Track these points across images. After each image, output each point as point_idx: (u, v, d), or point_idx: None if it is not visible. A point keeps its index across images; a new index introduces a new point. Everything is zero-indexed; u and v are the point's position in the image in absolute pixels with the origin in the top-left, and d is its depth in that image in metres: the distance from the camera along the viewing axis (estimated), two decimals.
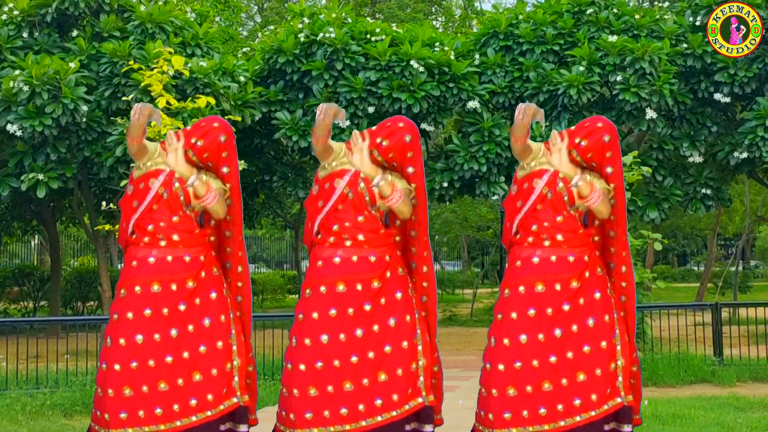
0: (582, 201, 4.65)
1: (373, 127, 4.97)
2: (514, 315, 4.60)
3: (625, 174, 6.13)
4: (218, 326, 4.77)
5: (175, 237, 4.72)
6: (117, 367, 4.53)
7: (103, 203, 10.93)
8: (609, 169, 4.70)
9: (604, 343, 4.65)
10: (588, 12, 12.90)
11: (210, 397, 4.69)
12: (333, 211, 4.77)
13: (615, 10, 12.98)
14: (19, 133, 10.87)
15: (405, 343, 4.71)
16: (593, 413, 4.60)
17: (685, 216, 22.50)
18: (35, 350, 10.00)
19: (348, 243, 4.74)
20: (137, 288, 4.65)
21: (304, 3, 13.68)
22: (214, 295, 4.80)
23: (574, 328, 4.61)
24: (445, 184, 12.50)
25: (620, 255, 4.79)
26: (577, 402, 4.57)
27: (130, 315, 4.60)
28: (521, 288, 4.63)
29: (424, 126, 12.22)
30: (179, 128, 9.75)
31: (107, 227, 10.64)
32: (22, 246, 26.23)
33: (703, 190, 12.97)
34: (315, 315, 4.65)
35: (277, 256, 33.96)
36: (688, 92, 12.59)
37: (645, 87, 11.95)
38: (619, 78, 11.92)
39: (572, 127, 4.87)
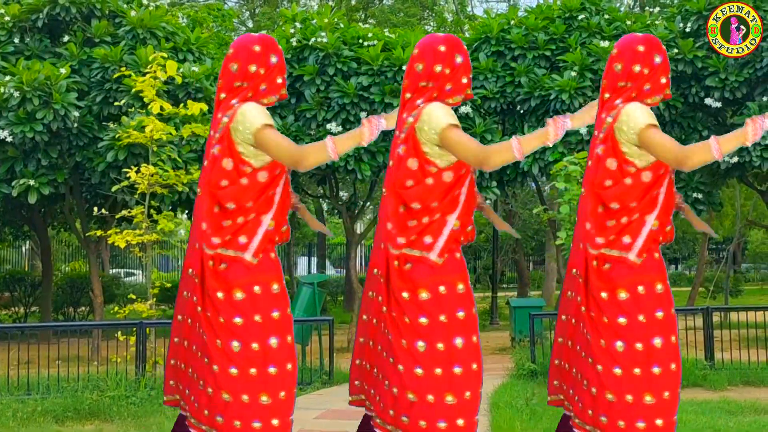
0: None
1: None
2: (659, 313, 4.35)
3: None
4: None
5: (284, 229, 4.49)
6: (252, 371, 4.13)
7: (95, 208, 10.90)
8: None
9: None
10: (579, 18, 12.95)
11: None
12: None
13: (606, 16, 13.03)
14: (9, 139, 10.83)
15: None
16: None
17: (676, 220, 22.54)
18: (26, 356, 9.96)
19: None
20: (275, 285, 4.33)
21: (296, 8, 13.70)
22: None
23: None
24: None
25: None
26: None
27: (288, 311, 4.32)
28: (658, 286, 4.41)
29: None
30: (171, 133, 9.83)
31: (99, 233, 10.59)
32: (13, 251, 26.18)
33: (694, 195, 13.00)
34: (461, 313, 4.26)
35: None
36: (679, 97, 12.63)
37: None
38: None
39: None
